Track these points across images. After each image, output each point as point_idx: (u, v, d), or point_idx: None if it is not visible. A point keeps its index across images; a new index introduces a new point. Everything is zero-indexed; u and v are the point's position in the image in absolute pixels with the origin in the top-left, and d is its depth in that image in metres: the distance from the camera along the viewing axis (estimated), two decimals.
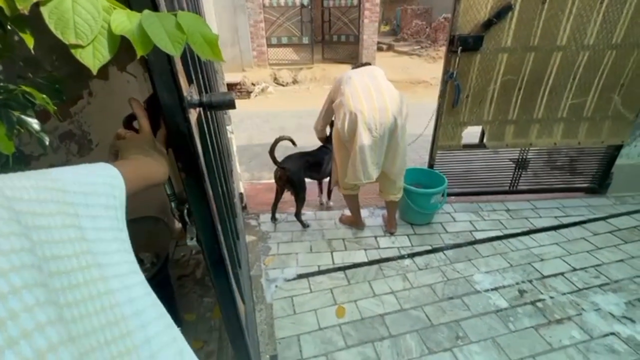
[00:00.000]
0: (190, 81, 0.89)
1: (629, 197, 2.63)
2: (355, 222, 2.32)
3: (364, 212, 2.39)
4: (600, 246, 2.13)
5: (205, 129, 1.00)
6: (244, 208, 2.55)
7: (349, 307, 1.74)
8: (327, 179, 2.50)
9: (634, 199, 2.61)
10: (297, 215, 2.31)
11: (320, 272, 1.97)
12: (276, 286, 1.88)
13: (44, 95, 0.55)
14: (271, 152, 2.11)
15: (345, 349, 1.52)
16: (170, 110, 0.61)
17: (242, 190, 2.53)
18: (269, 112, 5.58)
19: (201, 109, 0.88)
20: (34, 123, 0.53)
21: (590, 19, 2.03)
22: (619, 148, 2.49)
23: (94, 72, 0.38)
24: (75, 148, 1.47)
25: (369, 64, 2.10)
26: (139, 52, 0.39)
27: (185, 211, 0.80)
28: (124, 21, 0.39)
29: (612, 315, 1.66)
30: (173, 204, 0.81)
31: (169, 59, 0.56)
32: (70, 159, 1.45)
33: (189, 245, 0.82)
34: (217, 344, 1.50)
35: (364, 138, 1.81)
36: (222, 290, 0.91)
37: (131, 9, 0.44)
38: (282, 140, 2.13)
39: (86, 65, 0.39)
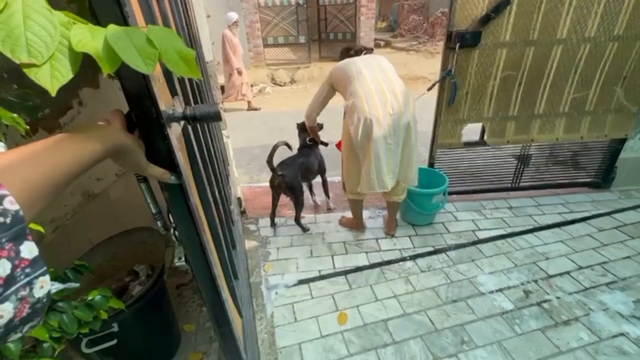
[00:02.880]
0: (173, 93, 0.86)
1: (634, 190, 2.58)
2: (356, 226, 2.28)
3: (365, 214, 2.35)
4: (606, 243, 2.09)
5: (193, 140, 0.96)
6: (243, 213, 2.52)
7: (351, 312, 1.70)
8: (316, 180, 2.47)
9: (639, 193, 2.56)
10: (297, 220, 2.28)
11: (321, 277, 1.93)
12: (276, 293, 1.84)
13: (14, 115, 0.51)
14: (270, 160, 2.06)
15: (348, 357, 1.49)
16: (147, 127, 0.57)
17: (240, 195, 2.49)
18: (267, 112, 5.54)
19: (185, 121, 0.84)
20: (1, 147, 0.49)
21: (590, 10, 1.98)
22: (622, 141, 2.44)
23: (53, 94, 0.34)
24: None
25: (372, 49, 2.04)
26: (105, 70, 0.35)
27: (172, 230, 0.77)
28: (86, 37, 0.35)
29: (621, 315, 1.62)
30: (159, 223, 0.77)
31: (144, 74, 0.52)
32: None
33: (178, 266, 0.78)
34: (217, 356, 1.47)
35: (379, 146, 1.72)
36: (214, 310, 0.87)
37: (99, 23, 0.41)
38: (279, 147, 2.10)
39: (45, 87, 0.35)
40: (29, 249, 0.29)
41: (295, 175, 2.14)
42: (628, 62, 2.13)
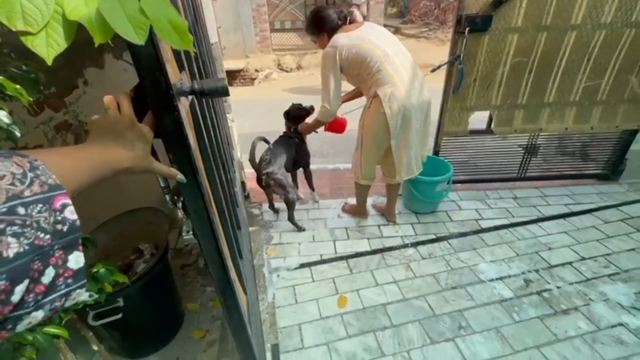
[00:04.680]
0: (181, 68, 0.86)
1: None
2: (360, 212, 2.29)
3: (368, 201, 2.35)
4: (611, 234, 2.07)
5: (200, 117, 0.96)
6: (247, 197, 2.54)
7: (351, 296, 1.73)
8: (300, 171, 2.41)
9: None
10: (291, 218, 2.18)
11: (322, 262, 1.96)
12: (278, 275, 1.87)
13: (17, 86, 0.52)
14: (252, 159, 2.03)
15: (347, 338, 1.52)
16: (157, 99, 0.58)
17: (244, 179, 2.51)
18: (273, 98, 5.50)
19: (193, 97, 0.84)
20: (3, 116, 0.50)
21: None
22: (634, 133, 2.38)
23: (49, 62, 0.35)
24: (72, 138, 1.46)
25: (364, 19, 1.82)
26: (97, 40, 0.35)
27: (180, 204, 0.78)
28: (79, 5, 0.35)
29: (621, 306, 1.62)
30: (167, 197, 0.79)
31: (154, 43, 0.52)
32: None
33: (185, 239, 0.80)
34: (219, 333, 1.51)
35: (414, 132, 1.79)
36: (221, 283, 0.89)
37: None
38: (259, 142, 2.07)
39: (42, 55, 0.36)
40: (76, 260, 0.30)
41: (279, 169, 2.04)
42: None
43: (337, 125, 2.12)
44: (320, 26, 1.75)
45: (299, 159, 2.26)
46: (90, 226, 1.40)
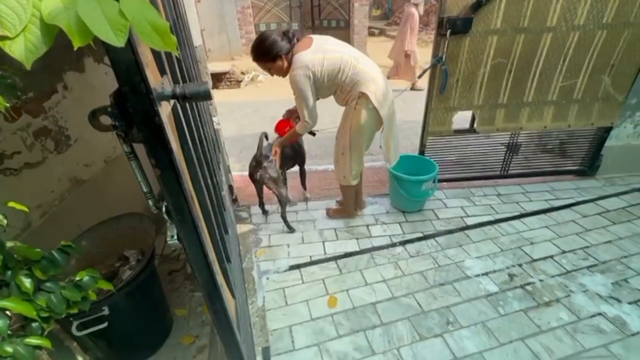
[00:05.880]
0: (162, 72, 0.85)
1: (617, 178, 2.65)
2: (348, 213, 2.31)
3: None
4: (589, 228, 2.15)
5: (183, 121, 0.96)
6: (235, 200, 2.52)
7: (341, 296, 1.74)
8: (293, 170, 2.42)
9: (623, 180, 2.62)
10: (283, 216, 2.17)
11: (312, 263, 1.96)
12: (268, 278, 1.87)
13: None
14: (260, 154, 1.99)
15: (338, 338, 1.53)
16: (137, 103, 0.57)
17: (232, 182, 2.49)
18: (259, 101, 5.48)
19: (175, 101, 0.84)
20: None
21: None
22: (608, 130, 2.48)
23: (28, 67, 0.34)
24: (52, 144, 1.42)
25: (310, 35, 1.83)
26: (76, 43, 0.35)
27: (164, 209, 0.77)
28: (57, 8, 0.35)
29: (599, 296, 1.68)
30: (150, 202, 0.78)
31: (133, 48, 0.52)
32: (47, 156, 1.40)
33: (170, 244, 0.79)
34: (208, 339, 1.50)
35: (395, 121, 1.96)
36: (207, 288, 0.89)
37: None
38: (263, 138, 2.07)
39: (22, 60, 0.35)
40: None
41: (275, 166, 2.04)
42: (616, 50, 2.15)
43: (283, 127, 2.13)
44: (275, 51, 1.71)
45: (295, 157, 2.30)
46: (73, 235, 1.36)
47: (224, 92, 6.31)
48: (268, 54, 1.71)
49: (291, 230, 2.21)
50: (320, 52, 1.70)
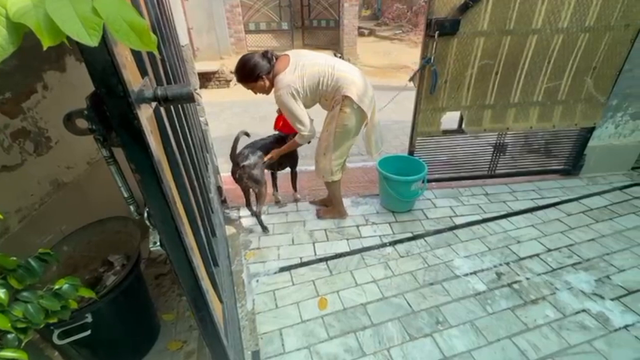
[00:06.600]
0: (144, 73, 0.82)
1: (600, 177, 2.72)
2: (339, 213, 2.30)
3: (345, 202, 2.37)
4: (573, 226, 2.20)
5: (167, 123, 0.93)
6: (224, 202, 2.49)
7: (331, 298, 1.73)
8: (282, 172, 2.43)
9: (605, 179, 2.69)
10: (258, 214, 2.15)
11: (302, 264, 1.95)
12: (257, 281, 1.85)
13: None
14: (233, 154, 2.00)
15: (328, 340, 1.52)
16: (114, 106, 0.55)
17: (221, 184, 2.46)
18: (249, 100, 5.42)
19: (157, 103, 0.81)
20: None
21: (564, 1, 2.02)
22: (591, 130, 2.55)
23: None
24: (31, 146, 1.37)
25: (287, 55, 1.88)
26: (45, 43, 0.33)
27: (146, 214, 0.75)
28: (26, 5, 0.33)
29: (583, 293, 1.72)
30: (132, 208, 0.75)
31: (108, 48, 0.49)
32: (27, 158, 1.35)
33: (153, 251, 0.77)
34: (197, 344, 1.47)
35: (376, 114, 2.03)
36: (192, 295, 0.87)
37: None
38: (241, 137, 2.05)
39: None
40: None
41: (255, 163, 2.01)
42: (598, 53, 2.21)
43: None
44: (257, 71, 1.79)
45: (285, 159, 2.26)
46: (55, 238, 1.32)
47: (213, 92, 6.25)
48: (251, 75, 1.80)
49: (265, 230, 2.19)
50: (298, 69, 1.78)
